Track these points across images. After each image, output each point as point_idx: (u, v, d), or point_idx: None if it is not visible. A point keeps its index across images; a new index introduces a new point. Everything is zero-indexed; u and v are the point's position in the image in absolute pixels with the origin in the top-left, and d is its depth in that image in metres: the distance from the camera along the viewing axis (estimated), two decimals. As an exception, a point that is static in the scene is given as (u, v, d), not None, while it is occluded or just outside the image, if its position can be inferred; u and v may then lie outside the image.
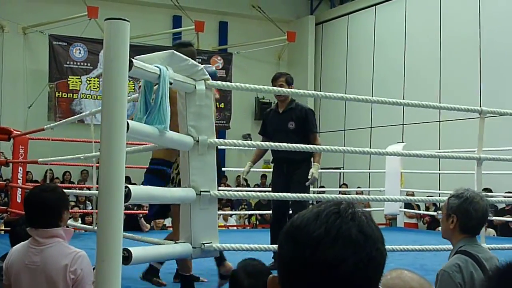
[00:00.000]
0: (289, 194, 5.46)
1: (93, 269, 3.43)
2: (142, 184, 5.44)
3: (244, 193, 4.85)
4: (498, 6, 14.34)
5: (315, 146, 5.76)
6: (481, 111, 5.79)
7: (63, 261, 3.42)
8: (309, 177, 6.38)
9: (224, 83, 4.75)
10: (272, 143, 5.31)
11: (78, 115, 10.14)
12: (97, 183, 4.04)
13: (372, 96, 16.95)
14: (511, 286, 1.18)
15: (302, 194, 5.52)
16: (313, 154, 6.62)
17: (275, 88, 5.67)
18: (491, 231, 11.92)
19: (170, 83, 3.78)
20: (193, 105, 4.28)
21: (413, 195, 12.19)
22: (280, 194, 5.60)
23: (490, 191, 12.48)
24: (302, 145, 5.34)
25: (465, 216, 3.36)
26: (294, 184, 6.41)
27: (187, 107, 4.27)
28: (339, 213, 1.26)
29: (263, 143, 5.16)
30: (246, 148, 13.51)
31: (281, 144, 5.07)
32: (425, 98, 14.59)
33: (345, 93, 18.19)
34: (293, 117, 6.65)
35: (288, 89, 6.06)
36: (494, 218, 11.90)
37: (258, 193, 5.12)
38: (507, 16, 14.08)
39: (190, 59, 4.28)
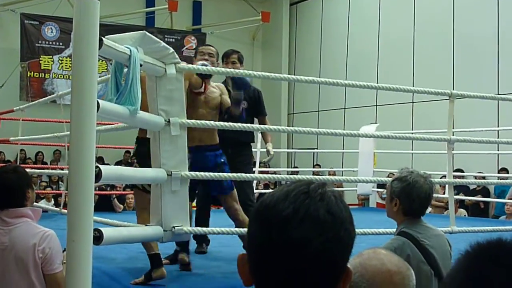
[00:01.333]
0: (262, 176, 5.48)
1: (64, 250, 3.47)
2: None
3: (215, 174, 4.83)
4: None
5: (288, 128, 5.74)
6: (451, 94, 5.84)
7: (32, 240, 3.43)
8: (270, 155, 6.54)
9: (195, 66, 4.70)
10: (250, 125, 5.20)
11: (48, 97, 10.05)
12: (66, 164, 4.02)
13: (346, 77, 17.05)
14: (490, 262, 1.18)
15: (261, 175, 5.59)
16: (264, 135, 6.69)
17: (245, 71, 5.56)
18: (463, 211, 12.05)
19: (140, 65, 3.76)
20: (164, 89, 4.26)
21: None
22: (259, 175, 5.62)
23: (462, 171, 12.63)
24: (279, 127, 5.36)
25: (408, 200, 3.34)
26: (241, 165, 6.11)
27: (158, 90, 4.25)
28: (308, 193, 1.26)
29: (240, 124, 5.05)
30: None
31: (261, 126, 5.06)
32: (399, 80, 14.70)
33: (319, 74, 18.28)
34: (246, 97, 6.32)
35: (262, 73, 5.98)
36: (465, 198, 12.04)
37: (230, 174, 5.08)
38: (480, 1, 14.15)
39: (161, 41, 4.26)
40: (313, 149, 17.46)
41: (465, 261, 1.20)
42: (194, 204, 6.21)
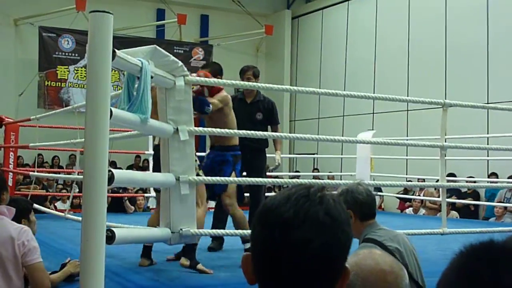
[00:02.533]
0: (266, 180, 5.48)
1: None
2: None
3: (221, 178, 4.84)
4: (463, 3, 14.42)
5: (294, 134, 5.73)
6: (444, 104, 5.86)
7: (9, 234, 3.53)
8: (276, 164, 6.64)
9: (202, 78, 4.72)
10: (255, 132, 5.20)
11: (64, 108, 10.06)
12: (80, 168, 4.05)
13: (344, 86, 17.08)
14: (485, 262, 1.18)
15: (265, 179, 5.88)
16: (275, 142, 6.85)
17: (251, 83, 5.60)
18: (454, 213, 12.04)
19: (151, 77, 3.77)
20: (173, 100, 4.28)
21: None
22: (264, 179, 5.71)
23: (454, 175, 12.63)
24: (281, 134, 5.38)
25: (356, 204, 3.32)
26: (255, 170, 6.41)
27: (167, 102, 4.27)
28: (308, 196, 1.27)
29: (246, 132, 5.07)
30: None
31: (269, 133, 5.08)
32: (394, 88, 14.74)
33: (320, 83, 18.31)
34: (261, 108, 6.66)
35: (266, 85, 5.98)
36: (457, 201, 12.03)
37: (235, 178, 5.09)
38: (472, 13, 14.15)
39: (170, 55, 4.27)
40: (313, 154, 17.46)
41: (458, 260, 1.20)
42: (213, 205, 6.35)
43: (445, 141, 5.91)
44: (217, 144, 5.74)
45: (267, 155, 6.83)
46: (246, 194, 6.73)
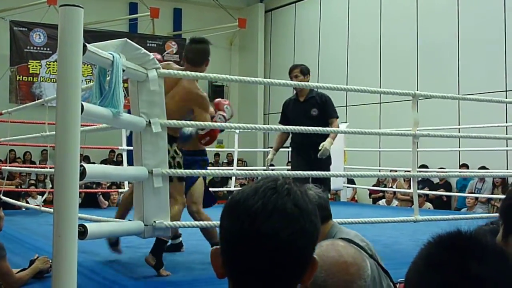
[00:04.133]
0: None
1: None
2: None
3: (195, 171, 4.83)
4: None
5: (264, 126, 5.69)
6: (414, 95, 5.93)
7: None
8: (319, 148, 6.38)
9: (176, 72, 4.68)
10: (232, 124, 5.24)
11: (35, 102, 9.94)
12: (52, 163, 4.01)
13: (317, 79, 17.11)
14: (454, 250, 1.20)
15: (238, 171, 5.64)
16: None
17: (223, 76, 5.53)
18: (428, 205, 12.16)
19: (123, 70, 3.74)
20: (145, 93, 4.25)
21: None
22: (235, 171, 5.60)
23: (427, 167, 12.76)
24: (255, 125, 5.37)
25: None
26: (324, 165, 6.48)
27: (139, 95, 4.25)
28: (275, 189, 1.28)
29: (215, 123, 5.05)
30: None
31: (241, 124, 5.06)
32: (367, 82, 14.79)
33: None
34: (315, 104, 6.73)
35: (239, 77, 5.88)
36: (429, 192, 12.15)
37: (209, 171, 5.07)
38: (443, 7, 14.27)
39: (142, 48, 4.23)
40: (288, 147, 17.45)
41: (427, 250, 1.23)
42: None
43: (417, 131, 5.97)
44: (185, 148, 5.36)
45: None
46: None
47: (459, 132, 11.85)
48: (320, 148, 6.37)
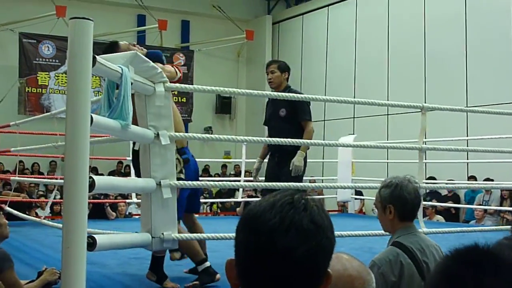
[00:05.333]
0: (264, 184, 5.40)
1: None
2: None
3: (203, 182, 4.81)
4: (441, 11, 14.52)
5: (271, 139, 5.45)
6: (423, 107, 5.90)
7: None
8: (290, 168, 5.90)
9: (183, 85, 4.66)
10: (239, 137, 5.16)
11: (44, 114, 9.99)
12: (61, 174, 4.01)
13: (325, 91, 17.12)
14: (469, 265, 1.20)
15: (246, 183, 5.30)
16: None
17: (230, 89, 5.34)
18: (439, 217, 12.10)
19: (131, 83, 3.76)
20: (153, 106, 4.26)
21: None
22: (244, 183, 5.46)
23: (434, 179, 12.70)
24: (261, 138, 5.35)
25: (401, 202, 3.19)
26: (284, 175, 5.86)
27: (147, 108, 4.26)
28: (292, 204, 1.28)
29: (217, 136, 4.99)
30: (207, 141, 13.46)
31: (248, 138, 5.03)
32: (374, 94, 14.80)
33: (300, 87, 18.23)
34: (283, 103, 6.06)
35: (246, 90, 5.64)
36: (437, 204, 12.10)
37: (216, 183, 5.03)
38: (450, 19, 14.26)
39: (150, 61, 4.24)
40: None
41: (443, 263, 1.23)
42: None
43: (424, 144, 5.95)
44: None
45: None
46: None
47: (467, 143, 11.80)
48: (290, 168, 5.87)
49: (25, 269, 5.27)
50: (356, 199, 13.56)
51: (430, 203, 11.54)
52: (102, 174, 14.63)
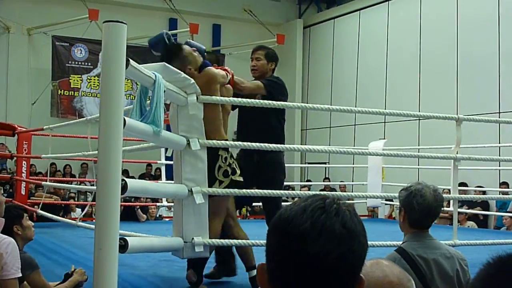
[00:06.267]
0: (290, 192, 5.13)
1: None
2: None
3: (235, 190, 4.75)
4: (475, 13, 14.38)
5: (301, 146, 5.41)
6: (458, 119, 5.79)
7: None
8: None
9: (215, 97, 4.54)
10: (258, 144, 4.81)
11: (77, 120, 10.07)
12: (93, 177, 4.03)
13: (356, 95, 17.10)
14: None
15: (279, 192, 5.00)
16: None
17: (262, 101, 4.92)
18: (471, 223, 11.96)
19: (164, 91, 3.78)
20: (184, 117, 4.28)
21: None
22: (280, 191, 5.09)
23: (466, 185, 12.56)
24: (292, 146, 5.33)
25: (409, 209, 3.15)
26: (260, 183, 5.10)
27: (178, 118, 4.28)
28: (324, 208, 1.26)
29: (250, 144, 4.74)
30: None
31: (280, 145, 4.94)
32: (406, 98, 14.72)
33: (331, 92, 18.36)
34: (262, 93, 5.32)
35: (277, 102, 5.06)
36: (467, 211, 11.97)
37: (247, 190, 4.89)
38: (483, 21, 14.12)
39: (182, 72, 4.25)
40: (325, 163, 17.42)
41: (485, 271, 1.20)
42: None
43: (457, 153, 5.87)
44: None
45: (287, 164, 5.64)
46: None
47: (499, 150, 11.67)
48: None
49: (57, 268, 5.33)
50: (386, 204, 13.46)
51: (460, 209, 11.42)
52: (132, 177, 14.73)
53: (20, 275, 3.54)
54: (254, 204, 5.99)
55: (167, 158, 5.64)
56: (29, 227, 4.30)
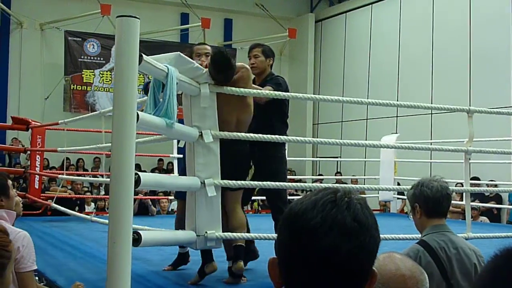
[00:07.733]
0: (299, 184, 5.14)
1: None
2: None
3: (246, 182, 4.78)
4: (488, 7, 14.30)
5: (313, 139, 5.42)
6: (469, 111, 5.76)
7: None
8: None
9: (228, 88, 4.56)
10: (270, 136, 4.84)
11: (90, 114, 10.12)
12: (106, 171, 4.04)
13: (368, 89, 17.04)
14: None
15: (288, 184, 5.10)
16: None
17: (275, 92, 4.95)
18: (484, 218, 11.91)
19: (176, 83, 3.79)
20: (198, 107, 4.28)
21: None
22: (286, 184, 5.18)
23: (478, 179, 12.50)
24: (305, 138, 5.33)
25: (423, 198, 3.16)
26: (264, 174, 5.10)
27: (191, 108, 4.28)
28: (335, 202, 1.25)
29: (262, 136, 4.74)
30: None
31: (291, 137, 4.94)
32: (418, 92, 14.66)
33: (343, 86, 18.30)
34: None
35: (289, 93, 5.16)
36: (479, 204, 11.92)
37: (260, 182, 4.92)
38: (496, 18, 14.03)
39: (194, 62, 4.26)
40: (337, 157, 17.39)
41: (493, 262, 1.20)
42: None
43: (470, 146, 5.85)
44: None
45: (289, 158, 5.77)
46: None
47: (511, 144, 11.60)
48: None
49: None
50: (398, 198, 13.43)
51: (473, 203, 11.37)
52: (145, 171, 14.78)
53: (36, 267, 3.55)
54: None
55: (179, 150, 5.57)
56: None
